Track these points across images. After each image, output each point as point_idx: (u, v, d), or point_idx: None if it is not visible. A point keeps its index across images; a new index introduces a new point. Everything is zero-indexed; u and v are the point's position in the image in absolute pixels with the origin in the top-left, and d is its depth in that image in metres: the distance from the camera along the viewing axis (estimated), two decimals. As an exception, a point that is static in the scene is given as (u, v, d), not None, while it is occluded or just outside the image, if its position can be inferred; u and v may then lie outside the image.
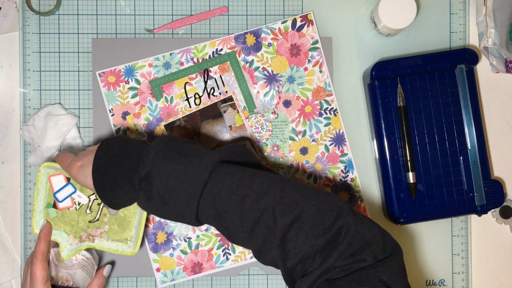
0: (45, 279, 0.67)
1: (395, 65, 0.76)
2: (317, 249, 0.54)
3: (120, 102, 0.78)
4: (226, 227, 0.59)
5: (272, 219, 0.56)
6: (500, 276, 0.82)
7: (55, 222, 0.72)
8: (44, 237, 0.70)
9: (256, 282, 0.80)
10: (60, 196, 0.72)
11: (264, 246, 0.57)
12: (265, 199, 0.57)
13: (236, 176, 0.59)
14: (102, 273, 0.72)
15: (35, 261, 0.68)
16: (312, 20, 0.79)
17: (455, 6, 0.81)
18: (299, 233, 0.55)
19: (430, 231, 0.81)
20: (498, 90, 0.82)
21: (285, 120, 0.79)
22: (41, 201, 0.72)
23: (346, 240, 0.54)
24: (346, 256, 0.53)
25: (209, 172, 0.58)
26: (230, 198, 0.58)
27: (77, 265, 0.72)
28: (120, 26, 0.79)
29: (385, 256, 0.54)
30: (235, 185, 0.58)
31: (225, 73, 0.79)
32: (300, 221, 0.55)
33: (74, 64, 0.79)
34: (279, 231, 0.56)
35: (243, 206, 0.57)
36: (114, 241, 0.73)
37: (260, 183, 0.58)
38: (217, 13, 0.79)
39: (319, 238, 0.54)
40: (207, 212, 0.59)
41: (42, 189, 0.72)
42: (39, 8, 0.79)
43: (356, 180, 0.80)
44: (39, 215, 0.72)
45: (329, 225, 0.55)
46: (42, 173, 0.72)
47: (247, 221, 0.57)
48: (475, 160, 0.76)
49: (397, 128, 0.76)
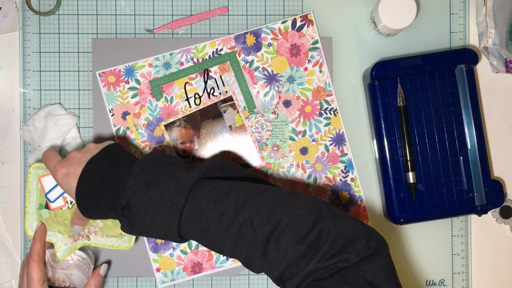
0: (41, 280, 0.67)
1: (395, 65, 0.76)
2: (299, 255, 0.54)
3: (120, 102, 0.78)
4: (210, 243, 0.60)
5: (251, 232, 0.57)
6: (500, 276, 0.82)
7: (49, 223, 0.72)
8: (39, 238, 0.70)
9: (256, 282, 0.80)
10: (51, 196, 0.72)
11: (249, 259, 0.58)
12: (242, 213, 0.58)
13: (213, 193, 0.60)
14: (99, 272, 0.72)
15: (31, 263, 0.68)
16: (312, 20, 0.79)
17: (455, 6, 0.81)
18: (280, 241, 0.55)
19: (430, 231, 0.80)
20: (498, 90, 0.82)
21: (285, 120, 0.79)
22: (33, 203, 0.72)
23: (328, 242, 0.54)
24: (329, 257, 0.53)
25: (185, 196, 0.59)
26: (209, 217, 0.59)
27: (73, 266, 0.72)
28: (120, 26, 0.79)
29: (370, 253, 0.54)
30: (212, 203, 0.59)
31: (225, 73, 0.79)
32: (279, 230, 0.56)
33: (74, 64, 0.79)
34: (260, 242, 0.56)
35: (222, 223, 0.58)
36: (109, 237, 0.73)
37: (237, 198, 0.59)
38: (217, 13, 0.79)
39: (300, 244, 0.54)
40: (189, 232, 0.60)
41: (33, 191, 0.72)
42: (39, 8, 0.79)
43: (356, 180, 0.80)
44: (32, 217, 0.72)
45: (309, 229, 0.55)
46: (32, 175, 0.72)
47: (228, 237, 0.58)
48: (475, 160, 0.76)
49: (397, 128, 0.76)
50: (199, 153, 0.79)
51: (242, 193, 0.60)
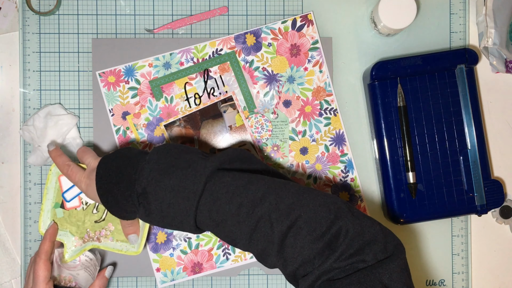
0: (47, 279, 0.67)
1: (395, 65, 0.76)
2: (316, 253, 0.54)
3: (120, 102, 0.78)
4: (226, 235, 0.60)
5: (269, 226, 0.56)
6: (500, 276, 0.82)
7: (61, 223, 0.73)
8: (50, 237, 0.70)
9: (256, 282, 0.80)
10: (68, 195, 0.72)
11: (264, 253, 0.58)
12: (260, 206, 0.57)
13: (231, 185, 0.59)
14: (104, 274, 0.73)
15: (38, 261, 0.68)
16: (312, 20, 0.79)
17: (455, 6, 0.81)
18: (297, 238, 0.55)
19: (430, 231, 0.81)
20: (498, 90, 0.82)
21: (285, 120, 0.79)
22: (49, 201, 0.73)
23: (346, 242, 0.53)
24: (346, 257, 0.53)
25: (203, 184, 0.59)
26: (226, 208, 0.58)
27: (80, 266, 0.72)
28: (120, 26, 0.79)
29: (386, 256, 0.54)
30: (230, 195, 0.58)
31: (225, 73, 0.79)
32: (297, 226, 0.55)
33: (74, 64, 0.79)
34: (277, 237, 0.56)
35: (239, 215, 0.58)
36: (118, 241, 0.73)
37: (255, 191, 0.58)
38: (217, 13, 0.79)
39: (317, 242, 0.54)
40: (205, 222, 0.60)
41: (51, 189, 0.73)
42: (39, 8, 0.79)
43: (356, 180, 0.80)
44: (47, 214, 0.73)
45: (327, 227, 0.55)
46: (52, 172, 0.72)
47: (244, 230, 0.58)
48: (475, 160, 0.76)
49: (397, 128, 0.76)
50: (199, 153, 0.79)
51: (260, 186, 0.59)
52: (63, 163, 0.69)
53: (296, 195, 0.58)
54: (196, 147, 0.79)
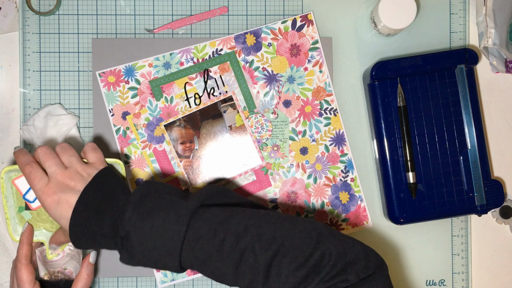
0: (32, 282, 0.67)
1: (395, 65, 0.76)
2: (300, 279, 0.54)
3: (120, 102, 0.78)
4: (211, 271, 0.60)
5: (253, 258, 0.57)
6: (500, 276, 0.82)
7: (33, 223, 0.71)
8: (26, 240, 0.68)
9: (256, 282, 0.80)
10: (30, 196, 0.70)
11: (251, 285, 0.58)
12: (243, 239, 0.57)
13: (213, 222, 0.59)
14: (89, 261, 0.71)
15: (19, 266, 0.67)
16: (312, 20, 0.79)
17: (455, 6, 0.81)
18: (281, 267, 0.55)
19: (430, 231, 0.81)
20: (498, 90, 0.82)
21: (285, 120, 0.79)
22: (11, 207, 0.70)
23: (329, 264, 0.54)
24: (329, 278, 0.54)
25: (186, 225, 0.59)
26: (210, 245, 0.58)
27: (66, 257, 0.71)
28: (120, 26, 0.79)
29: (369, 274, 0.54)
30: (212, 232, 0.58)
31: (225, 73, 0.79)
32: (280, 255, 0.56)
33: (74, 64, 0.79)
34: (262, 268, 0.56)
35: (223, 251, 0.58)
36: None
37: (237, 224, 0.59)
38: (217, 13, 0.79)
39: (301, 268, 0.55)
40: (190, 261, 0.60)
41: (9, 195, 0.69)
42: (39, 8, 0.79)
43: (356, 180, 0.80)
44: (14, 221, 0.70)
45: (309, 253, 0.55)
46: (4, 179, 0.68)
47: (229, 264, 0.58)
48: (475, 160, 0.76)
49: (397, 128, 0.76)
50: (199, 153, 0.79)
51: (241, 219, 0.59)
52: (26, 162, 0.65)
53: (277, 224, 0.59)
54: (196, 147, 0.79)
